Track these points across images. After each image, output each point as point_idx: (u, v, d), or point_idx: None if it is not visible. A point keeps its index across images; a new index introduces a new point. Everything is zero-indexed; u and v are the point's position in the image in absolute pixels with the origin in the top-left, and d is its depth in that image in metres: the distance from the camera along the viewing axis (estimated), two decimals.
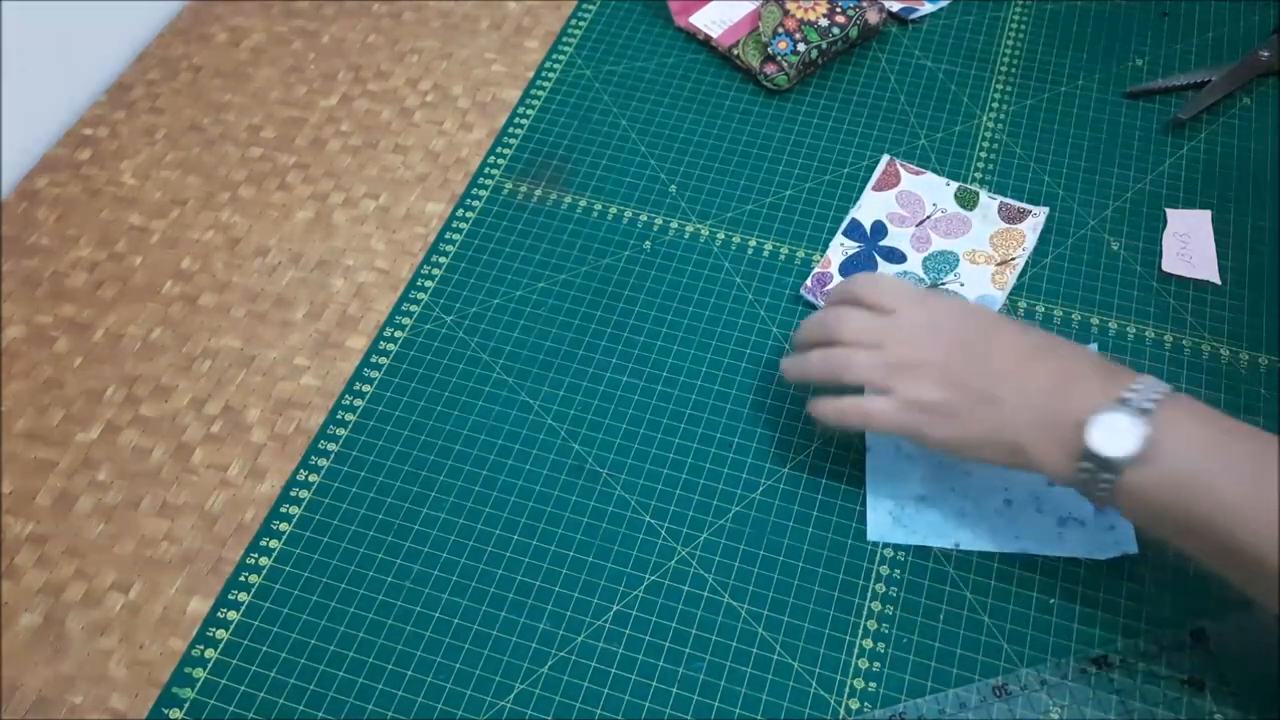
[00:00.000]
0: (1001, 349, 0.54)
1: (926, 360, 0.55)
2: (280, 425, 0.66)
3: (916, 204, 0.74)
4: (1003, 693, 0.55)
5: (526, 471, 0.63)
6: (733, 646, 0.57)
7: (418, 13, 0.89)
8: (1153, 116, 0.79)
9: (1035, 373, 0.53)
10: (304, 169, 0.79)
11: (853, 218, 0.73)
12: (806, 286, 0.70)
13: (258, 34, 0.88)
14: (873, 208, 0.74)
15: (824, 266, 0.71)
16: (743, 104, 0.81)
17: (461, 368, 0.68)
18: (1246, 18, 0.85)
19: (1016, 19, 0.86)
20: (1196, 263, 0.71)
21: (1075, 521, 0.60)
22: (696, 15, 0.85)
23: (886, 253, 0.71)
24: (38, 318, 0.71)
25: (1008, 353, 0.54)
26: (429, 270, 0.73)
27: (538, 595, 0.59)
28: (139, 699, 0.56)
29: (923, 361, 0.55)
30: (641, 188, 0.77)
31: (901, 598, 0.58)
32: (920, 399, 0.54)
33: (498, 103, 0.82)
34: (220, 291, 0.72)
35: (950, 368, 0.54)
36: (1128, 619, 0.57)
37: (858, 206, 0.74)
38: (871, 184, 0.75)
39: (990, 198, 0.74)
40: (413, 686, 0.56)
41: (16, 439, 0.66)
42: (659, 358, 0.68)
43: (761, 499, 0.62)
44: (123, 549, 0.61)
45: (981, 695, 0.55)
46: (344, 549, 0.61)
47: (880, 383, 0.56)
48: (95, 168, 0.79)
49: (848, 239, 0.72)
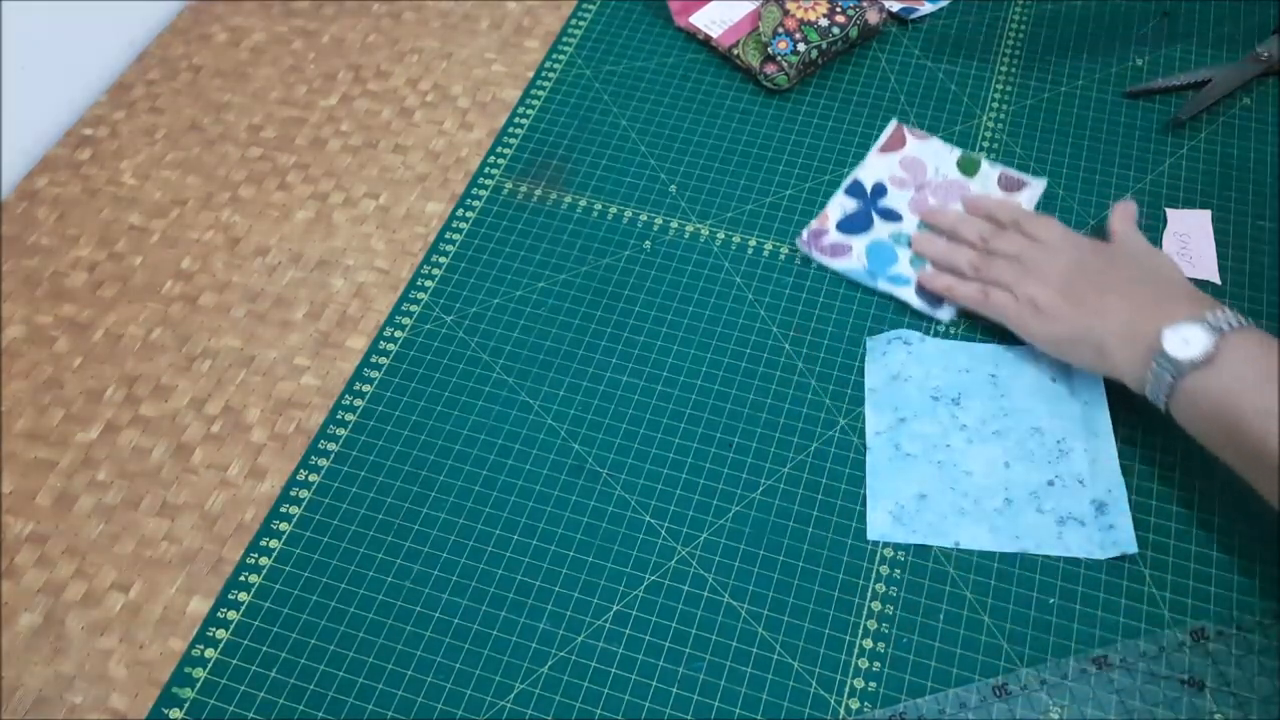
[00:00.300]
0: (1114, 273, 0.63)
1: (1051, 271, 0.65)
2: (280, 425, 0.66)
3: (919, 168, 0.76)
4: (1003, 693, 0.55)
5: (526, 471, 0.63)
6: (733, 646, 0.57)
7: (418, 13, 0.89)
8: (1153, 116, 0.79)
9: (1135, 294, 0.61)
10: (304, 169, 0.79)
11: (855, 177, 0.76)
12: (802, 239, 0.73)
13: (258, 34, 0.88)
14: (876, 169, 0.76)
15: (821, 222, 0.73)
16: (743, 104, 0.81)
17: (461, 368, 0.68)
18: (1246, 18, 0.85)
19: (1016, 19, 0.86)
20: (1196, 263, 0.71)
21: (1075, 521, 0.60)
22: (696, 15, 0.85)
23: (884, 212, 0.74)
24: (38, 318, 0.71)
25: (1118, 276, 0.63)
26: (429, 270, 0.73)
27: (538, 595, 0.59)
28: (139, 699, 0.56)
29: (1048, 271, 0.65)
30: (641, 188, 0.77)
31: (901, 598, 0.58)
32: (1035, 299, 0.64)
33: (498, 103, 0.82)
34: (220, 291, 0.72)
35: (1069, 279, 0.64)
36: (1128, 619, 0.57)
37: (861, 166, 0.76)
38: (878, 146, 0.77)
39: (991, 167, 0.76)
40: (413, 686, 0.56)
41: (16, 439, 0.66)
42: (659, 358, 0.68)
43: (761, 499, 0.62)
44: (123, 549, 0.62)
45: (981, 695, 0.55)
46: (344, 549, 0.61)
47: (1009, 281, 0.66)
48: (95, 168, 0.79)
49: (848, 197, 0.75)
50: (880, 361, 0.67)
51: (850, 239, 0.72)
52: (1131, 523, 0.60)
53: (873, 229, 0.73)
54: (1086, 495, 0.61)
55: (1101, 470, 0.61)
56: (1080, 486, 0.61)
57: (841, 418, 0.65)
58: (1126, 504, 0.60)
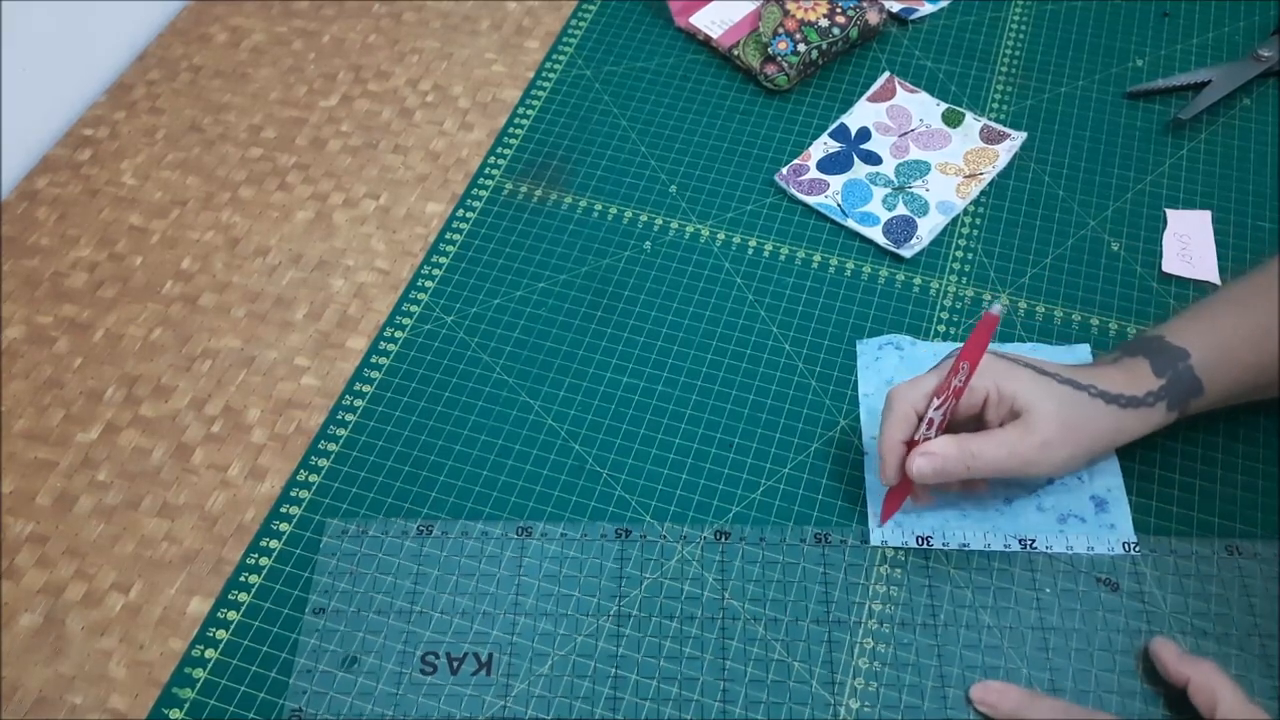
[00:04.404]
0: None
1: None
2: (280, 425, 0.66)
3: (904, 116, 0.78)
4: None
5: (526, 471, 0.63)
6: (733, 646, 0.57)
7: (418, 13, 0.89)
8: (1153, 116, 0.79)
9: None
10: (304, 169, 0.79)
11: (841, 122, 0.78)
12: (781, 174, 0.75)
13: (258, 34, 0.88)
14: (863, 115, 0.79)
15: (803, 159, 0.76)
16: (743, 104, 0.81)
17: (461, 368, 0.68)
18: (1246, 18, 0.85)
19: (1016, 19, 0.86)
20: (1197, 263, 0.71)
21: (1076, 519, 0.60)
22: (696, 15, 0.85)
23: (865, 155, 0.76)
24: (38, 318, 0.71)
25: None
26: (429, 270, 0.73)
27: (538, 594, 0.59)
28: (139, 699, 0.56)
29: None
30: (641, 188, 0.77)
31: (901, 598, 0.58)
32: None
33: (498, 103, 0.82)
34: (220, 291, 0.72)
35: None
36: (1128, 619, 0.57)
37: (849, 113, 0.79)
38: (867, 95, 0.80)
39: (975, 119, 0.78)
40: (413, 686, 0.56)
41: (16, 439, 0.66)
42: (659, 358, 0.68)
43: (761, 499, 0.62)
44: (123, 549, 0.61)
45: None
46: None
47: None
48: (95, 168, 0.79)
49: (832, 139, 0.77)
50: (873, 367, 0.67)
51: (829, 177, 0.75)
52: (1131, 520, 0.60)
53: (852, 169, 0.75)
54: (1086, 492, 0.61)
55: (1101, 467, 0.61)
56: (1080, 484, 0.61)
57: (841, 418, 0.65)
58: (1126, 501, 0.60)
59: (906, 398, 0.56)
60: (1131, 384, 0.57)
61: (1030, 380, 0.56)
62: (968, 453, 0.55)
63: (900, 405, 0.57)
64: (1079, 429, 0.56)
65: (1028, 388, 0.56)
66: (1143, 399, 0.57)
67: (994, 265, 0.72)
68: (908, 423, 0.56)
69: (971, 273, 0.71)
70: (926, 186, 0.74)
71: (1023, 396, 0.55)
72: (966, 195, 0.74)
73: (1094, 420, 0.56)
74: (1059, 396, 0.56)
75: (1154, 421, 0.58)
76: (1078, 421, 0.56)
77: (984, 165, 0.75)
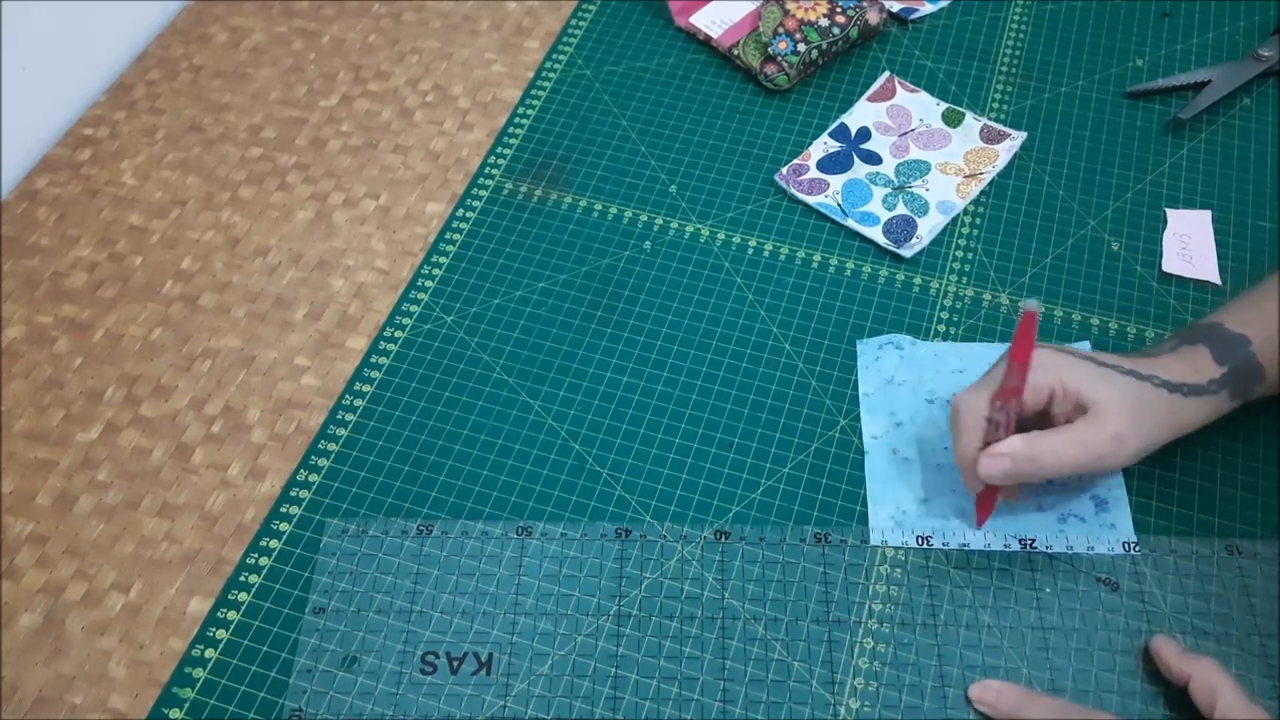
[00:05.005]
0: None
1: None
2: (280, 425, 0.66)
3: (904, 116, 0.78)
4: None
5: (526, 471, 0.63)
6: (733, 646, 0.57)
7: (418, 13, 0.89)
8: (1153, 116, 0.79)
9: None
10: (304, 169, 0.79)
11: (841, 122, 0.78)
12: (781, 174, 0.75)
13: (258, 34, 0.88)
14: (863, 115, 0.79)
15: (803, 159, 0.77)
16: (743, 104, 0.81)
17: (461, 368, 0.68)
18: (1246, 18, 0.85)
19: (1016, 19, 0.86)
20: (1197, 263, 0.71)
21: (1076, 519, 0.60)
22: (696, 15, 0.85)
23: (865, 155, 0.76)
24: (38, 318, 0.71)
25: None
26: (429, 270, 0.73)
27: (538, 594, 0.59)
28: (139, 699, 0.56)
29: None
30: (641, 188, 0.77)
31: (901, 597, 0.58)
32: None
33: (498, 103, 0.82)
34: (220, 291, 0.72)
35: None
36: (1128, 619, 0.57)
37: (849, 113, 0.79)
38: (867, 95, 0.80)
39: (975, 119, 0.78)
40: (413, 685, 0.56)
41: (16, 439, 0.66)
42: (659, 358, 0.68)
43: (761, 499, 0.62)
44: (123, 549, 0.61)
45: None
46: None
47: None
48: (95, 168, 0.79)
49: (832, 139, 0.77)
50: (873, 367, 0.67)
51: (829, 177, 0.75)
52: (1131, 520, 0.60)
53: (852, 168, 0.75)
54: (1086, 492, 0.61)
55: None
56: (1080, 483, 0.61)
57: (841, 418, 0.65)
58: (1126, 501, 0.60)
59: (971, 406, 0.57)
60: (1193, 372, 0.57)
61: (1094, 374, 0.56)
62: (1038, 450, 0.55)
63: (966, 415, 0.57)
64: (1146, 420, 0.56)
65: (1092, 382, 0.56)
66: (1205, 387, 0.57)
67: (994, 265, 0.72)
68: (977, 430, 0.56)
69: (971, 272, 0.71)
70: (926, 186, 0.74)
71: (1088, 391, 0.55)
72: (966, 195, 0.74)
73: (1158, 411, 0.56)
74: (1123, 388, 0.56)
75: (1216, 410, 0.58)
76: (1144, 413, 0.56)
77: (984, 165, 0.75)
